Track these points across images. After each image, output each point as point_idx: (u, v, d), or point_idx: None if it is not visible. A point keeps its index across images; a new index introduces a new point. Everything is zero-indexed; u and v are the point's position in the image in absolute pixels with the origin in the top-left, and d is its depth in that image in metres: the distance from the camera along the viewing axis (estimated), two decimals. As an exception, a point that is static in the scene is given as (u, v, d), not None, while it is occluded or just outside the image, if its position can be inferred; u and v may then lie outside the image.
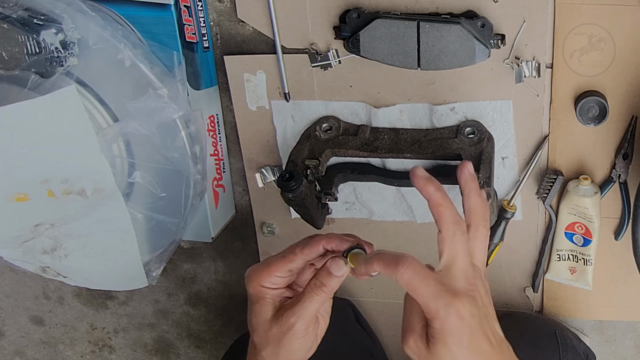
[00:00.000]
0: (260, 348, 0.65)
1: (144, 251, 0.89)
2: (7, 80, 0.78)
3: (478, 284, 0.58)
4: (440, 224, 0.59)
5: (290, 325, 0.63)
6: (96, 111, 0.81)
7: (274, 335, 0.64)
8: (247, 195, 1.03)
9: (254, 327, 0.66)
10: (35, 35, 0.78)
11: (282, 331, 0.63)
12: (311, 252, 0.65)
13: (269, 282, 0.66)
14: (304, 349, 0.66)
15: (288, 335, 0.63)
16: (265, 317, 0.65)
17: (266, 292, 0.66)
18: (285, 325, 0.63)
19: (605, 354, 1.03)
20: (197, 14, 0.88)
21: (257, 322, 0.65)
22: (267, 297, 0.66)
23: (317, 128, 0.89)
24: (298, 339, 0.64)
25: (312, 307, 0.63)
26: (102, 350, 1.30)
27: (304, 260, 0.66)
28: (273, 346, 0.64)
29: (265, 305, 0.65)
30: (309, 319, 0.63)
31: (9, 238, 0.86)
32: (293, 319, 0.63)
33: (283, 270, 0.65)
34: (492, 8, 0.80)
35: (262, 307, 0.65)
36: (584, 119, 0.83)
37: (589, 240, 0.89)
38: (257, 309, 0.65)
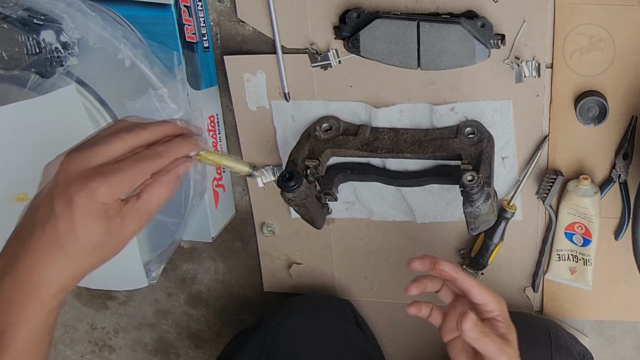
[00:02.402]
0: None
1: (144, 251, 0.89)
2: (7, 80, 0.79)
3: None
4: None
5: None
6: (96, 111, 0.81)
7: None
8: (247, 195, 1.03)
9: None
10: (35, 35, 0.78)
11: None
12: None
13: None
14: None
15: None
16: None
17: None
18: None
19: (605, 354, 1.02)
20: (197, 14, 0.88)
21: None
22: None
23: (317, 128, 0.89)
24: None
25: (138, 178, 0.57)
26: (102, 350, 1.30)
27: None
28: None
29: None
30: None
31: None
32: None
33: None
34: (492, 8, 0.80)
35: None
36: (584, 119, 0.83)
37: (588, 240, 0.89)
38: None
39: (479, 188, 0.77)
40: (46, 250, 0.54)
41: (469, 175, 0.77)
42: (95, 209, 0.54)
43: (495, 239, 0.91)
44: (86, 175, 0.54)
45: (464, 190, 0.77)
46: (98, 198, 0.54)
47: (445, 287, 0.80)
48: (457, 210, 0.93)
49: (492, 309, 0.73)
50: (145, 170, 0.57)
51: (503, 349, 0.70)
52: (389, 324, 1.07)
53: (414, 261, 0.76)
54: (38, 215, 0.55)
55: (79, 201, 0.54)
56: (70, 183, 0.54)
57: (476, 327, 0.68)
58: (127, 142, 0.57)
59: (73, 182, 0.54)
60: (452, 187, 0.91)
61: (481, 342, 0.69)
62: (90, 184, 0.54)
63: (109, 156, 0.56)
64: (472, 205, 0.78)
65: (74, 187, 0.54)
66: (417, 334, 1.06)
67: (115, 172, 0.55)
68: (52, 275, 0.55)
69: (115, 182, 0.55)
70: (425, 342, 1.07)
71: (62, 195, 0.54)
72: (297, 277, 1.06)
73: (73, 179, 0.54)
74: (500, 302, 0.74)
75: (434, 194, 0.93)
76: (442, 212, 0.94)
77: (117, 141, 0.56)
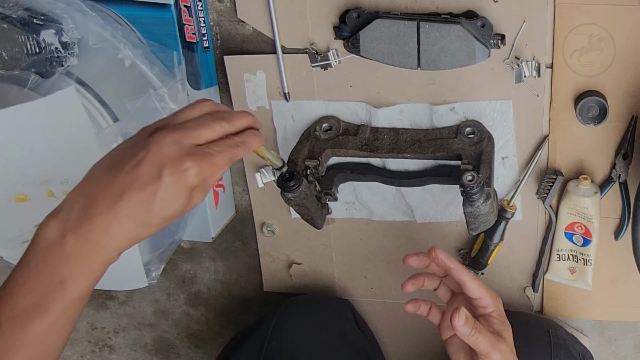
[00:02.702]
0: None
1: (144, 251, 0.89)
2: (7, 80, 0.79)
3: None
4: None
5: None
6: (96, 111, 0.81)
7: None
8: (247, 195, 1.03)
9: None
10: (35, 35, 0.78)
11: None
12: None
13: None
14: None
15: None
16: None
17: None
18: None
19: (605, 354, 1.03)
20: (197, 14, 0.88)
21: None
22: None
23: (317, 128, 0.89)
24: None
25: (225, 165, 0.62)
26: (102, 350, 1.30)
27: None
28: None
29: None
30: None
31: (9, 238, 0.86)
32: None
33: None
34: (492, 8, 0.80)
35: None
36: (584, 119, 0.83)
37: (588, 240, 0.89)
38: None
39: (479, 188, 0.77)
40: (123, 213, 0.57)
41: (469, 175, 0.77)
42: (180, 187, 0.58)
43: (495, 239, 0.91)
44: (179, 155, 0.58)
45: (464, 190, 0.77)
46: (187, 178, 0.57)
47: (443, 285, 0.80)
48: (457, 210, 0.93)
49: (487, 304, 0.73)
50: (231, 157, 0.61)
51: (496, 345, 0.70)
52: (389, 324, 1.07)
53: (410, 257, 0.77)
54: (117, 181, 0.57)
55: (167, 178, 0.57)
56: (162, 159, 0.57)
57: (468, 322, 0.68)
58: (214, 132, 0.61)
59: (166, 158, 0.57)
60: (452, 187, 0.91)
61: (474, 338, 0.69)
62: (184, 164, 0.57)
63: (200, 141, 0.60)
64: (472, 205, 0.78)
65: (166, 164, 0.57)
66: (417, 334, 1.06)
67: (206, 156, 0.59)
68: (120, 236, 0.58)
69: (205, 165, 0.58)
70: (425, 342, 1.07)
71: (150, 168, 0.57)
72: (297, 277, 1.06)
73: (166, 156, 0.57)
74: (495, 298, 0.74)
75: (434, 194, 0.93)
76: (442, 212, 0.94)
77: (207, 130, 0.60)
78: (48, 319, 0.56)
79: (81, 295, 0.58)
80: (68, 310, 0.57)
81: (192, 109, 0.63)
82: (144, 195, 0.57)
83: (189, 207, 0.60)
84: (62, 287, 0.56)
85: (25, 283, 0.56)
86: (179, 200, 0.58)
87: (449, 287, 0.80)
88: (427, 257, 0.77)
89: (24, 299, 0.56)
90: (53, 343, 0.58)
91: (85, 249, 0.57)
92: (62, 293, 0.57)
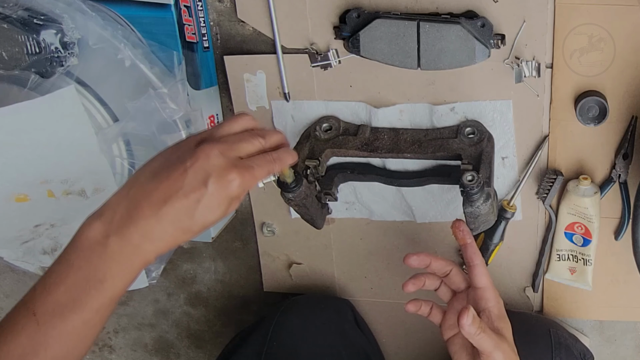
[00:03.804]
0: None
1: (144, 251, 0.88)
2: (7, 80, 0.79)
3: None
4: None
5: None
6: (96, 111, 0.81)
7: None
8: (247, 195, 1.03)
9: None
10: (35, 35, 0.78)
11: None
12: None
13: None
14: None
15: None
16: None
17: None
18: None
19: (605, 354, 1.03)
20: (197, 14, 0.88)
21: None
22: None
23: (317, 128, 0.89)
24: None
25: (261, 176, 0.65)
26: (102, 350, 1.30)
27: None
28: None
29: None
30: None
31: (9, 238, 0.86)
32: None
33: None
34: (492, 8, 0.80)
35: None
36: (584, 119, 0.83)
37: (588, 240, 0.89)
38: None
39: (479, 188, 0.77)
40: (167, 218, 0.59)
41: (469, 175, 0.77)
42: (223, 196, 0.60)
43: (495, 239, 0.91)
44: (226, 166, 0.61)
45: (464, 190, 0.77)
46: (231, 188, 0.61)
47: (444, 285, 0.80)
48: (457, 210, 0.93)
49: (489, 296, 0.74)
50: (269, 171, 0.65)
51: (499, 344, 0.70)
52: (389, 323, 1.07)
53: (410, 257, 0.78)
54: (163, 187, 0.60)
55: (212, 187, 0.59)
56: (209, 169, 0.60)
57: (475, 322, 0.69)
58: (254, 146, 0.65)
59: (212, 168, 0.60)
60: (452, 187, 0.91)
61: (479, 337, 0.69)
62: (229, 175, 0.60)
63: (242, 154, 0.63)
64: (472, 205, 0.78)
65: (212, 174, 0.60)
66: (417, 334, 1.06)
67: (248, 169, 0.62)
68: (161, 241, 0.60)
69: (247, 177, 0.62)
70: (425, 342, 1.07)
71: (197, 176, 0.59)
72: (297, 277, 1.06)
73: (212, 166, 0.60)
74: (496, 292, 0.75)
75: (434, 194, 0.93)
76: (442, 212, 0.94)
77: (247, 144, 0.64)
78: (83, 315, 0.58)
79: (117, 295, 0.60)
80: (103, 309, 0.59)
81: (234, 122, 0.66)
82: (188, 202, 0.59)
83: (224, 216, 0.63)
84: (100, 285, 0.58)
85: (65, 280, 0.58)
86: (220, 209, 0.61)
87: (450, 287, 0.80)
88: (428, 257, 0.77)
89: (63, 294, 0.58)
90: (84, 340, 0.59)
91: (126, 251, 0.59)
92: (99, 291, 0.58)
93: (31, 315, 0.57)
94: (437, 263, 0.79)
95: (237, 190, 0.61)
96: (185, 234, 0.61)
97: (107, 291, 0.58)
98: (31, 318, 0.57)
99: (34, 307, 0.58)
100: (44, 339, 0.57)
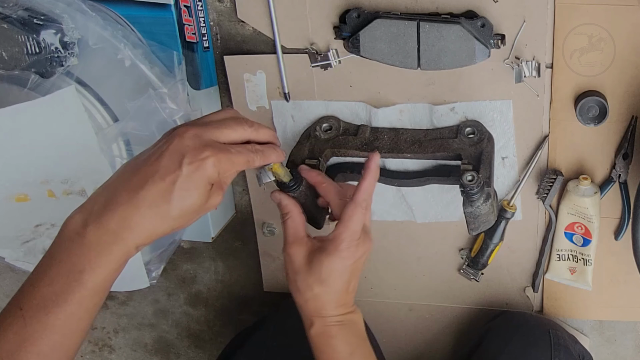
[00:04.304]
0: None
1: (144, 251, 0.89)
2: (7, 80, 0.79)
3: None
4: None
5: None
6: (96, 111, 0.81)
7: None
8: (247, 195, 1.03)
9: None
10: (35, 35, 0.78)
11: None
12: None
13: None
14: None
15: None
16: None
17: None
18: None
19: (605, 354, 1.03)
20: (197, 14, 0.88)
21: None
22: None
23: (317, 128, 0.89)
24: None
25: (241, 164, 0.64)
26: (102, 350, 1.30)
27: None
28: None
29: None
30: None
31: (10, 238, 0.86)
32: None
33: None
34: (492, 8, 0.80)
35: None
36: (584, 119, 0.83)
37: (588, 240, 0.89)
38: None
39: (479, 188, 0.77)
40: (144, 203, 0.58)
41: (469, 175, 0.77)
42: (198, 177, 0.59)
43: (495, 239, 0.91)
44: (199, 145, 0.60)
45: (464, 190, 0.77)
46: (205, 167, 0.59)
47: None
48: (457, 210, 0.93)
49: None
50: (248, 160, 0.64)
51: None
52: (389, 324, 1.07)
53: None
54: (140, 173, 0.60)
55: (186, 168, 0.59)
56: (183, 149, 0.59)
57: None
58: (236, 133, 0.64)
59: (186, 148, 0.59)
60: (452, 187, 0.91)
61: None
62: (202, 153, 0.59)
63: (222, 139, 0.63)
64: (472, 205, 0.78)
65: (186, 154, 0.59)
66: (417, 334, 1.06)
67: (223, 150, 0.61)
68: (139, 227, 0.59)
69: (223, 158, 0.61)
70: (425, 342, 1.07)
71: (171, 158, 0.59)
72: (297, 277, 1.06)
73: (186, 146, 0.60)
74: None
75: (434, 194, 0.93)
76: (442, 212, 0.94)
77: (228, 129, 0.63)
78: (67, 308, 0.58)
79: (99, 287, 0.59)
80: (86, 301, 0.59)
81: (217, 113, 0.66)
82: (164, 185, 0.59)
83: (206, 206, 0.62)
84: (80, 276, 0.58)
85: (47, 273, 0.58)
86: (197, 191, 0.60)
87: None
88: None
89: (45, 288, 0.57)
90: (72, 333, 0.59)
91: (104, 239, 0.58)
92: (80, 282, 0.58)
93: (18, 310, 0.57)
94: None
95: (212, 170, 0.60)
96: (165, 220, 0.60)
97: (87, 282, 0.58)
98: (18, 313, 0.57)
99: (20, 302, 0.58)
100: (30, 334, 0.57)
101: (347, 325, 0.71)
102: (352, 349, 0.71)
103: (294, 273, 0.71)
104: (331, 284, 0.69)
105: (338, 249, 0.69)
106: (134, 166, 0.61)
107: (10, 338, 0.57)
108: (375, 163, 0.72)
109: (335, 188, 0.76)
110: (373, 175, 0.72)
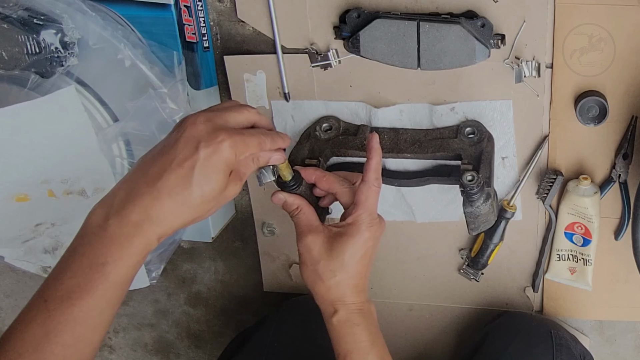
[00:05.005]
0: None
1: (144, 251, 0.88)
2: (7, 80, 0.79)
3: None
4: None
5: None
6: (96, 111, 0.81)
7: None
8: (247, 195, 1.03)
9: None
10: (35, 35, 0.78)
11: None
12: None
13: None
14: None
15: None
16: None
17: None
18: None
19: (605, 354, 1.02)
20: (197, 14, 0.88)
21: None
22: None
23: (317, 128, 0.89)
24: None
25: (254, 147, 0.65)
26: (102, 350, 1.30)
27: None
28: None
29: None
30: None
31: (10, 238, 0.86)
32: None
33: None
34: (492, 8, 0.80)
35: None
36: (584, 119, 0.83)
37: (588, 240, 0.89)
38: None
39: (479, 188, 0.77)
40: (164, 192, 0.59)
41: (469, 175, 0.77)
42: (216, 161, 0.60)
43: (495, 239, 0.91)
44: (213, 129, 0.61)
45: (464, 190, 0.77)
46: (222, 150, 0.60)
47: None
48: (457, 210, 0.93)
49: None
50: (260, 142, 0.64)
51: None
52: (389, 324, 1.07)
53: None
54: (157, 163, 0.60)
55: (203, 151, 0.59)
56: (198, 134, 0.60)
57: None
58: (243, 115, 0.65)
59: (200, 133, 0.60)
60: (452, 187, 0.91)
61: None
62: (218, 137, 0.60)
63: (231, 123, 0.64)
64: (472, 205, 0.78)
65: (201, 138, 0.60)
66: (417, 334, 1.06)
67: (237, 133, 0.62)
68: (160, 217, 0.59)
69: (237, 139, 0.61)
70: (425, 342, 1.07)
71: (187, 144, 0.60)
72: (297, 277, 1.06)
73: (200, 131, 0.60)
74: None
75: (434, 194, 0.93)
76: (442, 212, 0.94)
77: (235, 112, 0.64)
78: (90, 301, 0.58)
79: (121, 279, 0.59)
80: (109, 293, 0.59)
81: (220, 103, 0.67)
82: (183, 171, 0.59)
83: (225, 195, 0.63)
84: (102, 269, 0.58)
85: (71, 266, 0.59)
86: (216, 176, 0.60)
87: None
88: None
89: (69, 280, 0.58)
90: (95, 326, 0.59)
91: (125, 231, 0.59)
92: (102, 275, 0.58)
93: (42, 302, 0.58)
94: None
95: (228, 152, 0.60)
96: (185, 208, 0.60)
97: (109, 275, 0.58)
98: (42, 306, 0.58)
99: (45, 295, 0.58)
100: (54, 325, 0.57)
101: (367, 314, 0.72)
102: (373, 338, 0.72)
103: (314, 262, 0.71)
104: (353, 267, 0.70)
105: (360, 230, 0.70)
106: (150, 157, 0.61)
107: (35, 330, 0.57)
108: (376, 142, 0.73)
109: (337, 178, 0.77)
110: (378, 153, 0.73)
